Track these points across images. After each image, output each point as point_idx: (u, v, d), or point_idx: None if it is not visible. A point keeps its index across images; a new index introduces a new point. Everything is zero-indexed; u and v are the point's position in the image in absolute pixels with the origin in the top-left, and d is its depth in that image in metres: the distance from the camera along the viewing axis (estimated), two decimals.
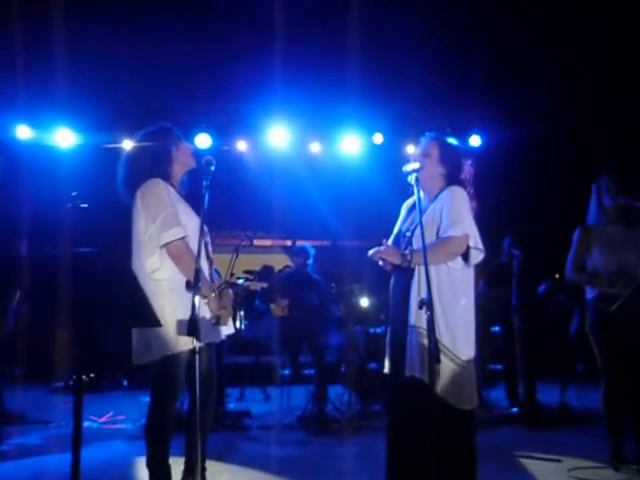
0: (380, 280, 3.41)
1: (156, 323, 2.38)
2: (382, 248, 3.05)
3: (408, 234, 3.13)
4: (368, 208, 7.22)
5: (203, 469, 2.75)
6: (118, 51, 6.26)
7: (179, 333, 2.76)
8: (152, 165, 3.00)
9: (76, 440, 2.18)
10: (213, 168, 2.87)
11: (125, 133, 7.36)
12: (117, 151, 7.30)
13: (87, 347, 2.39)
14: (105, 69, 6.37)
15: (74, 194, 2.90)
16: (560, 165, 7.03)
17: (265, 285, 6.90)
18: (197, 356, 2.44)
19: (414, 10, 6.24)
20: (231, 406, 5.60)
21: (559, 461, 4.13)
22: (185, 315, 2.65)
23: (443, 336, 2.88)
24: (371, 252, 3.06)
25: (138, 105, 6.79)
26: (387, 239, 3.18)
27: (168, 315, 2.77)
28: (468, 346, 2.97)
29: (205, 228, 2.97)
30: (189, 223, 2.96)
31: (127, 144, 7.39)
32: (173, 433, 2.88)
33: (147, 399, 5.29)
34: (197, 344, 2.46)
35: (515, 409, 5.50)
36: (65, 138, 7.20)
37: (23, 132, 7.14)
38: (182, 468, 2.97)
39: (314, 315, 5.89)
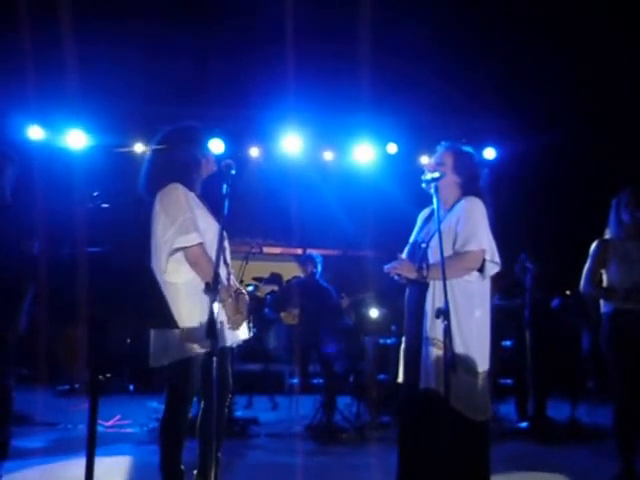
0: (391, 291, 3.39)
1: (174, 325, 2.36)
2: (397, 263, 3.04)
3: (423, 245, 3.11)
4: (380, 218, 7.23)
5: (216, 474, 2.72)
6: (132, 54, 6.29)
7: (196, 335, 2.75)
8: (177, 171, 2.98)
9: (91, 441, 2.16)
10: (234, 172, 2.85)
11: (138, 136, 7.41)
12: (129, 154, 7.35)
13: (102, 347, 2.37)
14: (118, 72, 6.40)
15: (95, 194, 2.88)
16: (576, 179, 7.01)
17: (275, 287, 6.88)
18: (214, 359, 2.43)
19: (428, 21, 6.26)
20: (238, 413, 5.56)
21: None
22: (202, 318, 2.66)
23: (457, 347, 2.86)
24: (387, 267, 3.05)
25: (151, 108, 6.82)
26: (401, 252, 3.18)
27: (185, 318, 2.75)
28: (482, 357, 2.95)
29: (224, 233, 2.96)
30: (208, 229, 2.95)
31: (139, 147, 7.44)
32: (186, 437, 2.87)
33: (154, 404, 5.33)
34: (214, 346, 2.44)
35: (525, 423, 5.46)
36: (77, 139, 7.24)
37: (35, 132, 7.18)
38: (195, 472, 2.95)
39: (324, 324, 5.86)
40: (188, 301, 2.82)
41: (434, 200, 2.99)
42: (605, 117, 6.58)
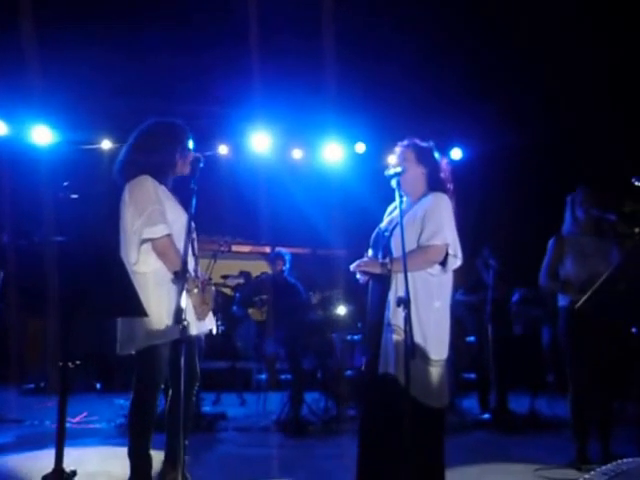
0: (359, 288, 3.47)
1: (143, 313, 2.41)
2: (363, 261, 3.14)
3: (387, 234, 3.20)
4: (349, 216, 7.29)
5: (183, 462, 2.77)
6: (97, 50, 6.23)
7: (165, 323, 2.80)
8: (151, 167, 3.00)
9: (60, 431, 2.19)
10: (202, 165, 2.90)
11: (104, 132, 7.36)
12: (96, 151, 7.31)
13: (71, 335, 2.41)
14: (84, 68, 6.33)
15: (65, 184, 2.91)
16: (537, 178, 7.18)
17: (241, 281, 6.91)
18: (184, 345, 2.48)
19: (396, 20, 6.34)
20: (206, 409, 5.57)
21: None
22: (170, 307, 2.73)
23: (415, 335, 2.91)
24: (353, 266, 3.15)
25: (118, 105, 6.78)
26: (367, 250, 3.26)
27: (153, 306, 2.79)
28: (439, 346, 3.02)
29: (193, 225, 3.01)
30: (177, 220, 2.98)
31: (106, 144, 7.40)
32: (154, 425, 2.91)
33: (121, 401, 5.32)
34: (183, 333, 2.49)
35: (487, 415, 5.60)
36: (43, 135, 7.17)
37: None
38: (162, 459, 2.99)
39: (292, 320, 5.92)
40: (156, 290, 2.87)
41: (397, 194, 3.09)
42: (570, 118, 6.75)
